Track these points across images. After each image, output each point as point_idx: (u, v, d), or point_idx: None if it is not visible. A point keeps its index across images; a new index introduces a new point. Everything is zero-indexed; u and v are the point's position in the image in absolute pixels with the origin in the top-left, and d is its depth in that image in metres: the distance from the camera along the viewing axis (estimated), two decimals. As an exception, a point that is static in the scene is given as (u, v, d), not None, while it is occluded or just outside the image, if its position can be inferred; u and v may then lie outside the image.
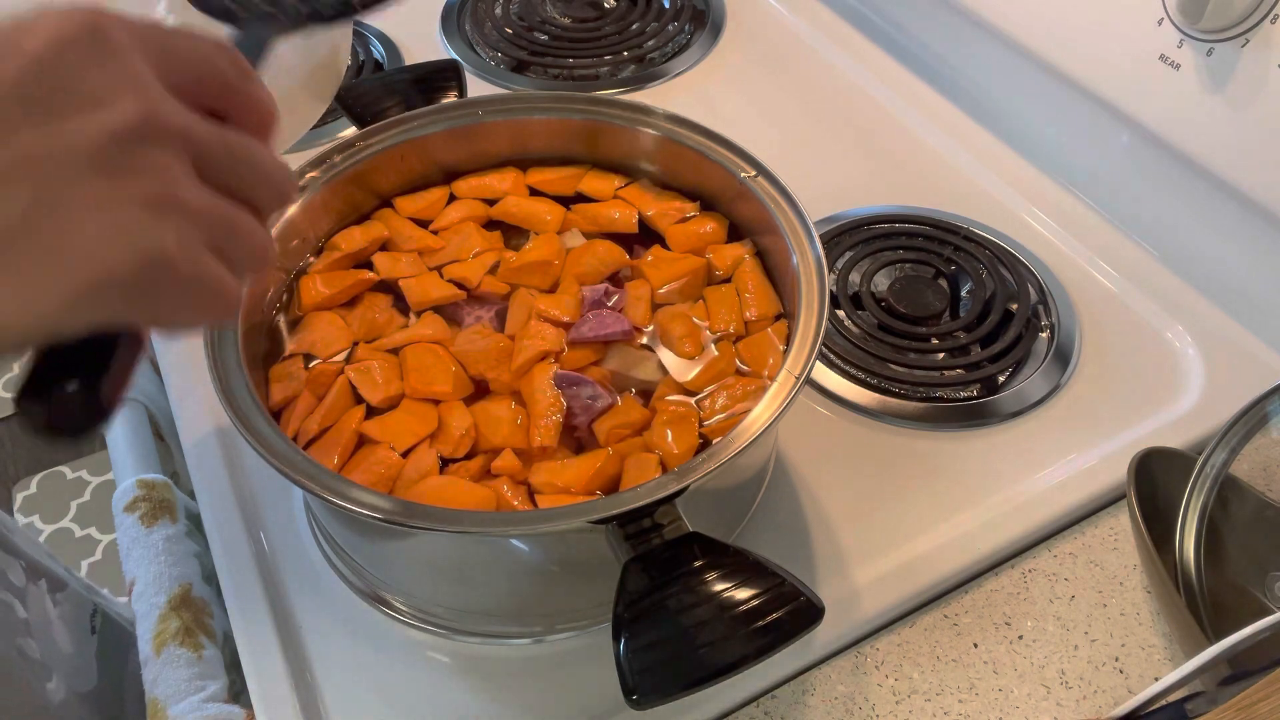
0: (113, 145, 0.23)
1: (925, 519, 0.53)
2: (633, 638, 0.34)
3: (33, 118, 0.23)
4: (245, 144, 0.28)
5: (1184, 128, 0.61)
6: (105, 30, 0.25)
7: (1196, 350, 0.61)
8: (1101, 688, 0.47)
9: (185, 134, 0.26)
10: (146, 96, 0.25)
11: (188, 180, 0.25)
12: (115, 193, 0.23)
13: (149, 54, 0.26)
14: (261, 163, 0.28)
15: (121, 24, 0.26)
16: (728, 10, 0.90)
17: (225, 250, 0.26)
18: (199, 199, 0.25)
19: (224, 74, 0.29)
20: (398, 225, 0.54)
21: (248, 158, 0.28)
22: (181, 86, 0.27)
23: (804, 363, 0.42)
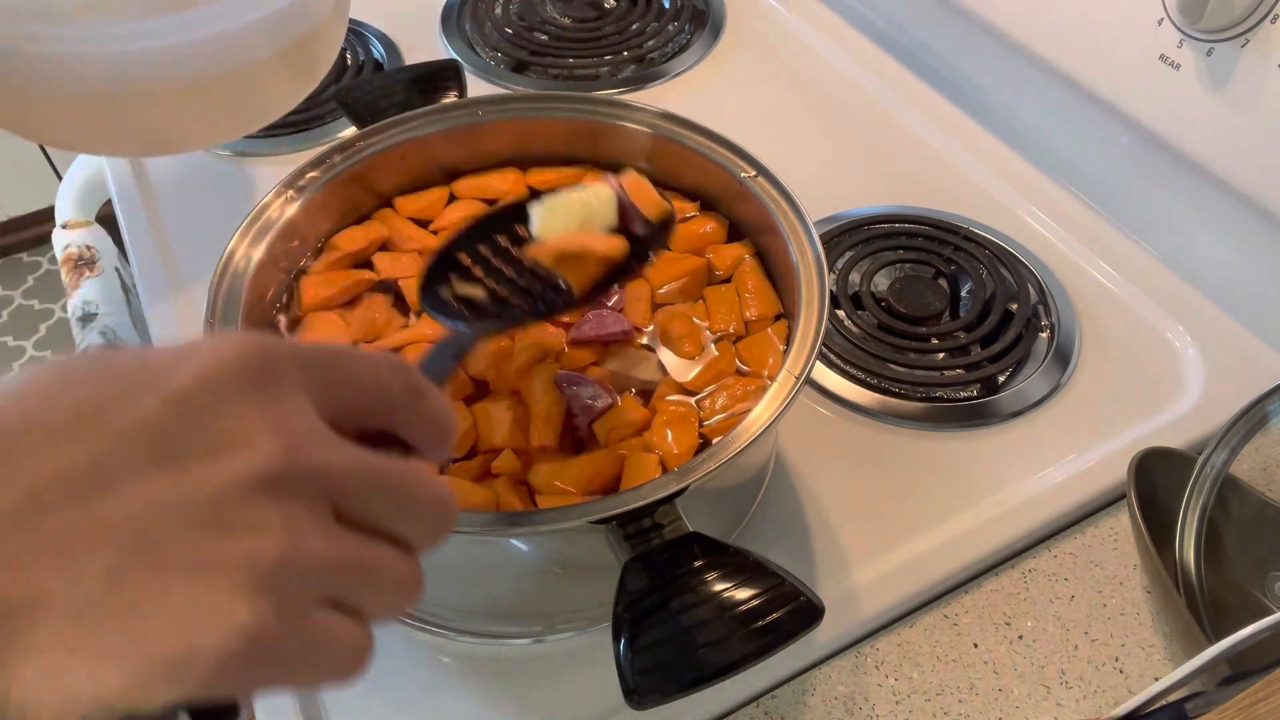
0: (235, 496, 0.21)
1: (925, 519, 0.53)
2: (633, 638, 0.34)
3: (157, 464, 0.21)
4: (399, 474, 0.25)
5: (1184, 128, 0.61)
6: (267, 363, 0.23)
7: (1196, 350, 0.61)
8: (1101, 688, 0.47)
9: (326, 474, 0.23)
10: (289, 439, 0.22)
11: (318, 528, 0.23)
12: (221, 553, 0.21)
13: (312, 383, 0.25)
14: (416, 495, 0.25)
15: (287, 353, 0.24)
16: (728, 10, 0.90)
17: (356, 599, 0.24)
18: (327, 548, 0.23)
19: (392, 395, 0.27)
20: (398, 225, 0.54)
21: (401, 489, 0.25)
22: (345, 411, 0.26)
23: (804, 363, 0.42)
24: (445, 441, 0.29)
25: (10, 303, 1.97)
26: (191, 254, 0.67)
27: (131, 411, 0.21)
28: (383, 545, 0.24)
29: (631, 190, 0.46)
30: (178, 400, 0.22)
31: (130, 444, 0.21)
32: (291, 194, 0.50)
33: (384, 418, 0.27)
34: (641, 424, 0.45)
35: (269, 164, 0.75)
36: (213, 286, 0.45)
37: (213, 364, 0.23)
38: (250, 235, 0.48)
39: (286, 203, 0.49)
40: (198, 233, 0.69)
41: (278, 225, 0.49)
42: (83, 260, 0.78)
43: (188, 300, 0.64)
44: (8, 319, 1.94)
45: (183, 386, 0.22)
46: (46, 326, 1.93)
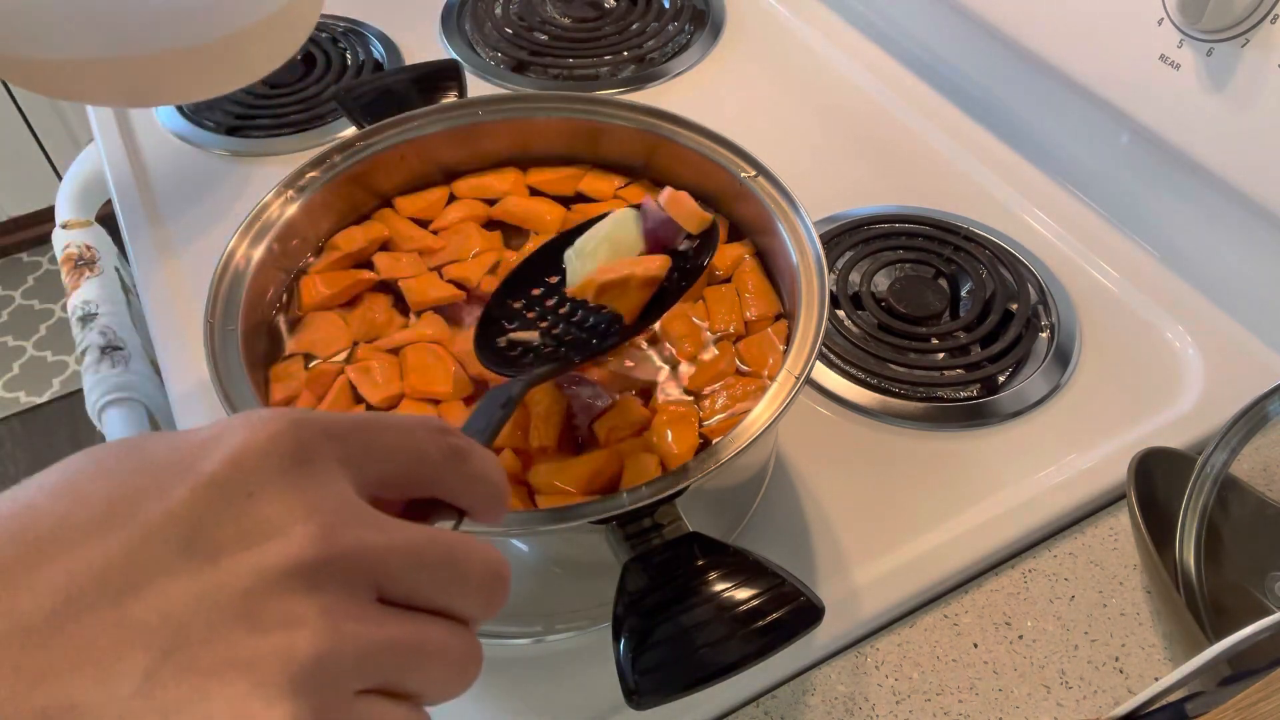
0: (268, 589, 0.20)
1: (925, 519, 0.53)
2: (632, 638, 0.34)
3: (188, 557, 0.20)
4: (444, 548, 0.24)
5: (1184, 128, 0.61)
6: (300, 442, 0.23)
7: (1196, 350, 0.61)
8: (1101, 688, 0.47)
9: (364, 557, 0.22)
10: (324, 524, 0.22)
11: (358, 614, 0.22)
12: (255, 651, 0.20)
13: (348, 458, 0.24)
14: (462, 567, 0.24)
15: (320, 430, 0.24)
16: (728, 10, 0.90)
17: (408, 682, 0.23)
18: (369, 634, 0.22)
19: (432, 461, 0.26)
20: (398, 225, 0.54)
21: (446, 564, 0.24)
22: (385, 482, 0.25)
23: (804, 363, 0.42)
24: (496, 501, 0.29)
25: (10, 303, 1.97)
26: (191, 254, 0.67)
27: (162, 503, 0.21)
28: (433, 622, 0.23)
29: (670, 205, 0.46)
30: (208, 488, 0.21)
31: (161, 537, 0.20)
32: (291, 194, 0.50)
33: (427, 485, 0.27)
34: (641, 424, 0.45)
35: (269, 164, 0.75)
36: (213, 286, 0.45)
37: (243, 448, 0.22)
38: (250, 235, 0.48)
39: (286, 203, 0.49)
40: (198, 233, 0.69)
41: (278, 225, 0.49)
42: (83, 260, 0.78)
43: (188, 300, 0.64)
44: (8, 319, 1.94)
45: (213, 474, 0.21)
46: (46, 326, 1.93)
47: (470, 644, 0.25)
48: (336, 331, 0.49)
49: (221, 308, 0.44)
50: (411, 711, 0.23)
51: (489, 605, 0.25)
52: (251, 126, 0.78)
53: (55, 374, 1.86)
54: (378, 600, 0.23)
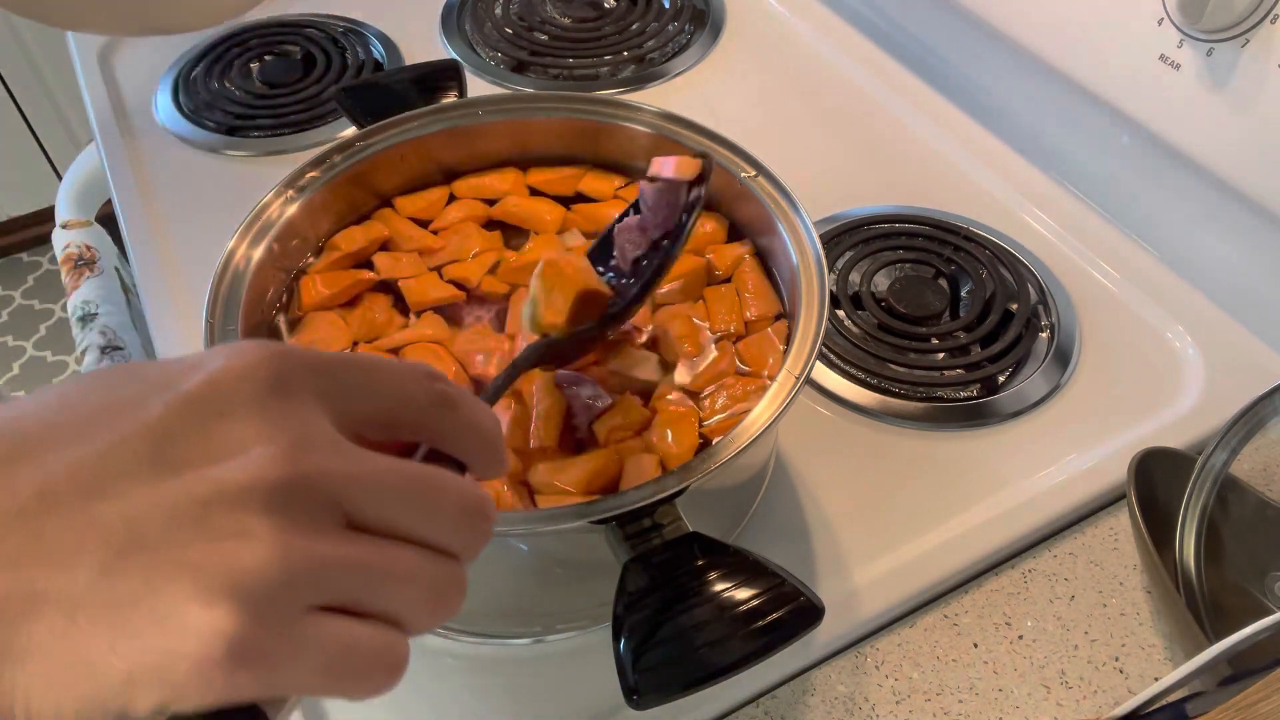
0: (225, 502, 0.21)
1: (925, 519, 0.53)
2: (633, 638, 0.34)
3: (155, 466, 0.21)
4: (419, 478, 0.24)
5: (1184, 128, 0.61)
6: (280, 371, 0.23)
7: (1196, 350, 0.61)
8: (1101, 688, 0.47)
9: (329, 481, 0.23)
10: (290, 447, 0.22)
11: (315, 533, 0.22)
12: (204, 559, 0.20)
13: (328, 393, 0.24)
14: (439, 498, 0.25)
15: (302, 362, 0.24)
16: (728, 10, 0.90)
17: (377, 603, 0.23)
18: (323, 552, 0.22)
19: (417, 404, 0.26)
20: (398, 225, 0.54)
21: (421, 493, 0.24)
22: (367, 421, 0.26)
23: (804, 363, 0.42)
24: (490, 451, 0.29)
25: (10, 303, 1.97)
26: (191, 254, 0.67)
27: (139, 416, 0.22)
28: (404, 548, 0.24)
29: (663, 169, 0.46)
30: (183, 405, 0.22)
31: (132, 447, 0.21)
32: (291, 194, 0.50)
33: (414, 429, 0.27)
34: (641, 424, 0.45)
35: (269, 164, 0.75)
36: (213, 286, 0.45)
37: (223, 371, 0.23)
38: (250, 235, 0.48)
39: (286, 203, 0.49)
40: (198, 233, 0.69)
41: (278, 225, 0.49)
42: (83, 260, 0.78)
43: (188, 300, 0.64)
44: (8, 319, 1.94)
45: (189, 392, 0.22)
46: (46, 326, 1.93)
47: (448, 571, 0.24)
48: (336, 331, 0.49)
49: (221, 308, 0.44)
50: (378, 630, 0.23)
51: (467, 538, 0.25)
52: (251, 126, 0.78)
53: (55, 374, 1.86)
54: (347, 526, 0.23)
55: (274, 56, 0.85)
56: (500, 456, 0.29)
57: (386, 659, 0.23)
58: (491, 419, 0.29)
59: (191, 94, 0.81)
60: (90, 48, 0.86)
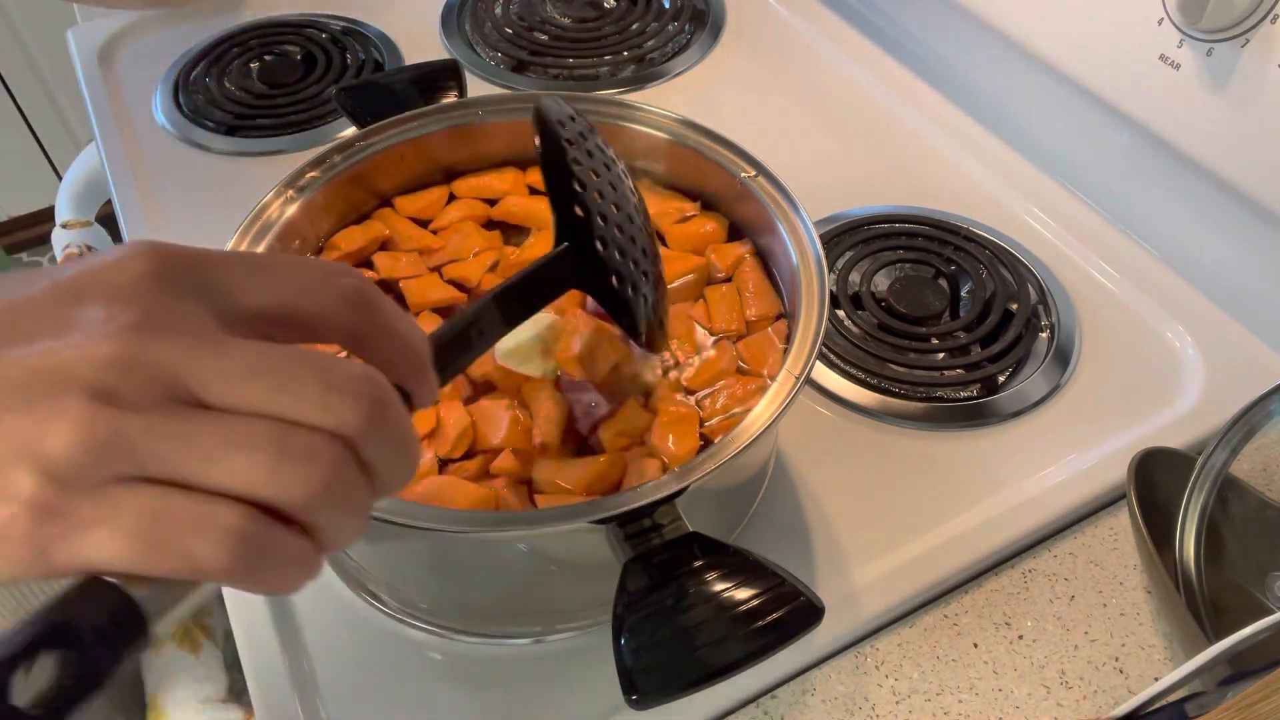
0: (53, 374, 0.22)
1: (925, 519, 0.53)
2: (633, 638, 0.34)
3: (8, 336, 0.22)
4: (282, 358, 0.23)
5: (1184, 128, 0.61)
6: (159, 266, 0.24)
7: (1196, 350, 0.61)
8: (1101, 688, 0.47)
9: (166, 361, 0.22)
10: (133, 329, 0.22)
11: (136, 406, 0.22)
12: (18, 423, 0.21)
13: (216, 286, 0.24)
14: (305, 374, 0.23)
15: (191, 257, 0.24)
16: (728, 10, 0.90)
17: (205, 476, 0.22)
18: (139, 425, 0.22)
19: (325, 301, 0.26)
20: (397, 225, 0.54)
21: (281, 371, 0.23)
22: (264, 317, 0.25)
23: (804, 363, 0.42)
24: (412, 359, 0.27)
25: (10, 303, 1.97)
26: (191, 254, 0.67)
27: (13, 297, 0.23)
28: (251, 420, 0.23)
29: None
30: (50, 289, 0.23)
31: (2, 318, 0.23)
32: (291, 194, 0.50)
33: (321, 327, 0.26)
34: (644, 430, 0.45)
35: (269, 164, 0.75)
36: (213, 286, 0.44)
37: (100, 264, 0.23)
38: (250, 235, 0.48)
39: (286, 203, 0.49)
40: (198, 233, 0.69)
41: (278, 225, 0.49)
42: (82, 260, 0.78)
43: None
44: (8, 319, 1.94)
45: (62, 280, 0.23)
46: (46, 326, 1.93)
47: (303, 440, 0.23)
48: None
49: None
50: (197, 501, 0.22)
51: (339, 411, 0.23)
52: (251, 126, 0.78)
53: (55, 374, 1.86)
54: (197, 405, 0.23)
55: (274, 56, 0.85)
56: (426, 371, 0.28)
57: (209, 530, 0.22)
58: (417, 331, 0.28)
59: (191, 94, 0.81)
60: (90, 48, 0.86)
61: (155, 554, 0.22)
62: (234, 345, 0.23)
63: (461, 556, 0.45)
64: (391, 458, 0.25)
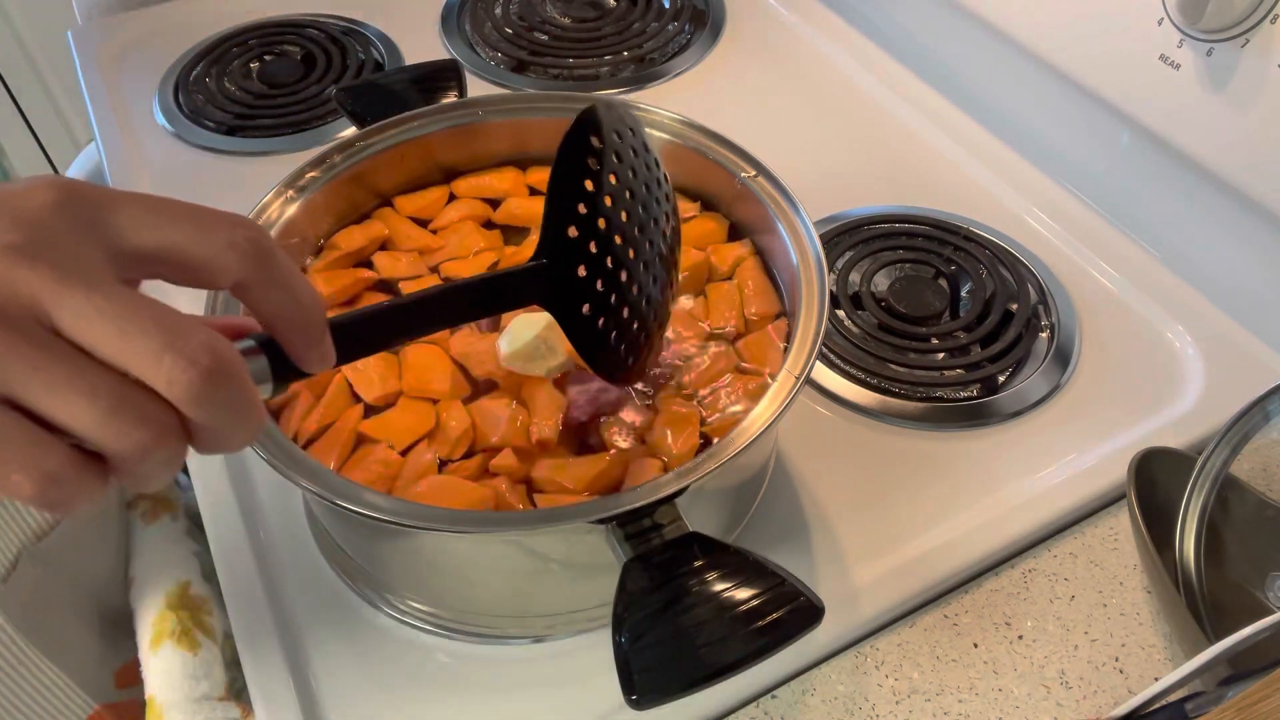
0: None
1: (925, 519, 0.53)
2: (633, 638, 0.34)
3: None
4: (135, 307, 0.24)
5: (1184, 128, 0.61)
6: (57, 200, 0.24)
7: (1196, 350, 0.61)
8: (1101, 688, 0.47)
9: (29, 290, 0.23)
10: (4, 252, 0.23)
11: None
12: None
13: (108, 226, 0.25)
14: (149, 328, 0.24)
15: (88, 194, 0.25)
16: (728, 10, 0.90)
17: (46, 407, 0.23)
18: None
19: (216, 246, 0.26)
20: (397, 224, 0.54)
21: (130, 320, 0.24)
22: (154, 258, 0.26)
23: (804, 363, 0.42)
24: (299, 316, 0.28)
25: (10, 303, 1.97)
26: (191, 254, 0.67)
27: None
28: (97, 368, 0.24)
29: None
30: None
31: None
32: (291, 194, 0.50)
33: (209, 272, 0.27)
34: (645, 427, 0.45)
35: (269, 164, 0.75)
36: (212, 286, 0.44)
37: (12, 190, 0.25)
38: (250, 235, 0.47)
39: (286, 203, 0.49)
40: (197, 232, 0.69)
41: (278, 225, 0.49)
42: (82, 260, 0.78)
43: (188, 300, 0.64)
44: (7, 319, 1.94)
45: None
46: (46, 326, 1.93)
47: (137, 402, 0.24)
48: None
49: (222, 308, 0.44)
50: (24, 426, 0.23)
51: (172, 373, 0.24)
52: (251, 126, 0.78)
53: (55, 374, 1.86)
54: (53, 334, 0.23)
55: (274, 56, 0.85)
56: (313, 332, 0.28)
57: (30, 467, 0.23)
58: (310, 293, 0.28)
59: (191, 94, 0.81)
60: (90, 48, 0.86)
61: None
62: (101, 286, 0.24)
63: (461, 556, 0.45)
64: (220, 426, 0.25)
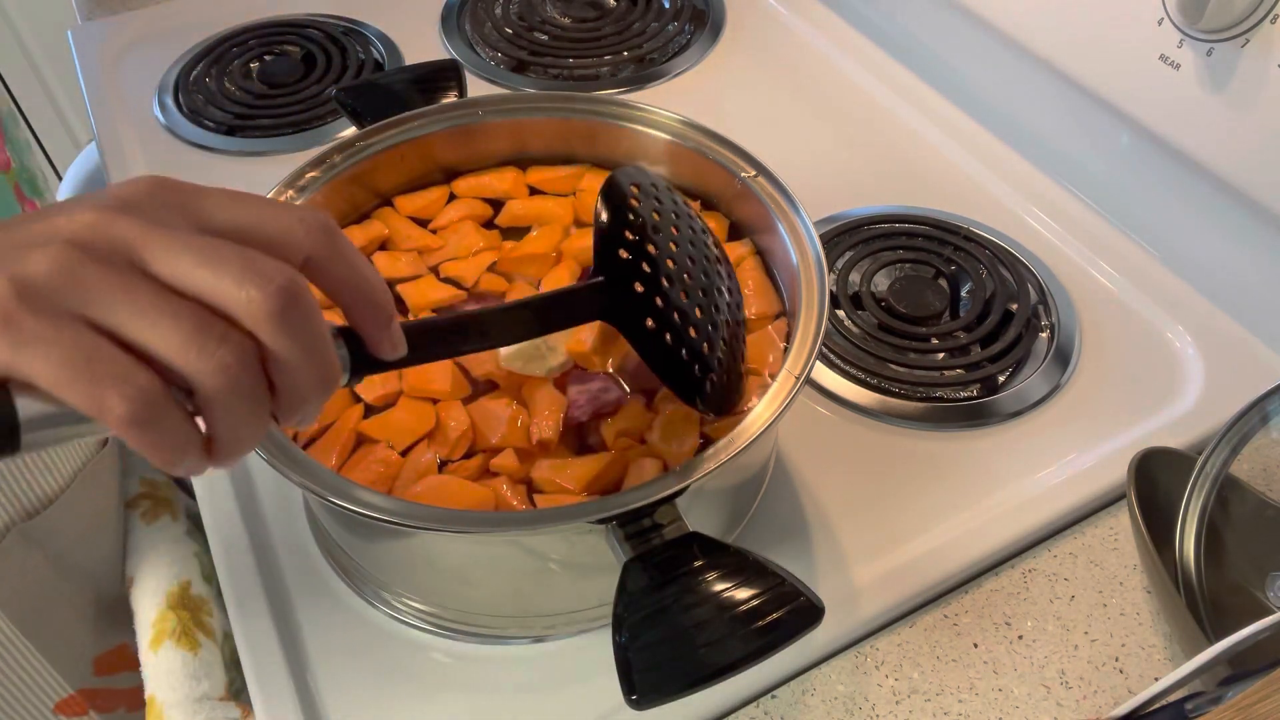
0: (43, 234, 0.26)
1: (925, 519, 0.53)
2: (633, 638, 0.34)
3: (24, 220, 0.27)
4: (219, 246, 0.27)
5: (1184, 128, 0.61)
6: (149, 186, 0.28)
7: (1196, 350, 0.61)
8: (1101, 688, 0.47)
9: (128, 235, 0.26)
10: (106, 208, 0.27)
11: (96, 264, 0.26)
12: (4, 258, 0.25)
13: (192, 209, 0.28)
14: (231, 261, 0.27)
15: (178, 184, 0.28)
16: (728, 10, 0.90)
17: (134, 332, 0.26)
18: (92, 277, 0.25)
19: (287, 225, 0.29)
20: (397, 224, 0.54)
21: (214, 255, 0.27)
22: (230, 234, 0.28)
23: (804, 363, 0.42)
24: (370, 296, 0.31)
25: (10, 303, 1.97)
26: (191, 254, 0.67)
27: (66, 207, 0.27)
28: (180, 299, 0.26)
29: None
30: (87, 195, 0.28)
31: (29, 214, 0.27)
32: (291, 194, 0.50)
33: (281, 248, 0.29)
34: (645, 427, 0.45)
35: (269, 164, 0.75)
36: (212, 286, 0.44)
37: (121, 182, 0.29)
38: (250, 235, 0.47)
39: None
40: (198, 233, 0.69)
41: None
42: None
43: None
44: (7, 319, 1.94)
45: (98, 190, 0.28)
46: (46, 326, 1.93)
47: (218, 328, 0.26)
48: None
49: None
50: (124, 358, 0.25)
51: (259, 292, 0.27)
52: (251, 126, 0.78)
53: (55, 374, 1.86)
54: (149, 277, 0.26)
55: (274, 56, 0.85)
56: (383, 313, 0.31)
57: (124, 384, 0.25)
58: (377, 277, 0.31)
59: (191, 94, 0.81)
60: (90, 48, 0.86)
61: (74, 385, 0.25)
62: (184, 232, 0.27)
63: (462, 556, 0.45)
64: (297, 356, 0.28)
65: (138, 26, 0.88)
